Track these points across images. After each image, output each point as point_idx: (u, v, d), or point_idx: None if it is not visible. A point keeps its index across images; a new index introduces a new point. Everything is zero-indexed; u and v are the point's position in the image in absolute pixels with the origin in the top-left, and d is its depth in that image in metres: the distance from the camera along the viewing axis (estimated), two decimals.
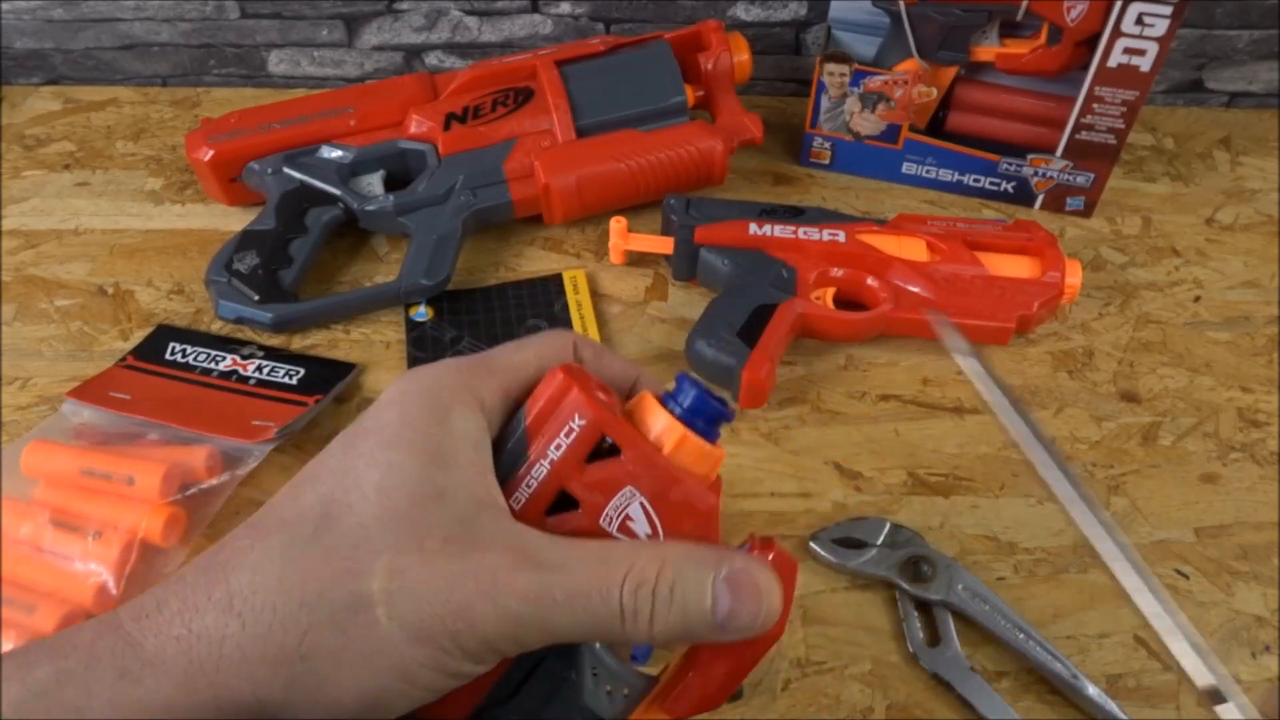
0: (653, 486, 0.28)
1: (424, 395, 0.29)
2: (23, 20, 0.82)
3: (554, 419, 0.28)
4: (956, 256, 0.62)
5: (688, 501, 0.28)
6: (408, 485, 0.27)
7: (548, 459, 0.28)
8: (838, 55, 0.70)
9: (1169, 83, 0.83)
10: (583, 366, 0.31)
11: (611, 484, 0.28)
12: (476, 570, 0.26)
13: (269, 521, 0.28)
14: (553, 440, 0.28)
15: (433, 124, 0.68)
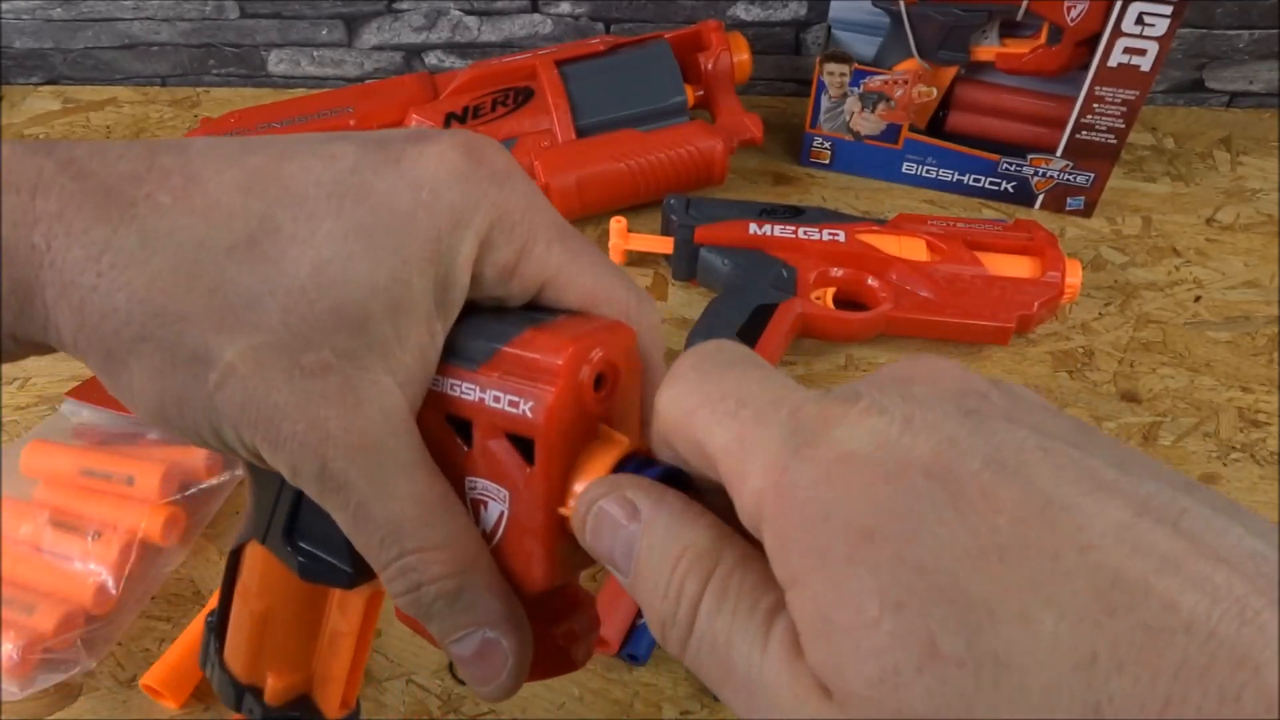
0: (520, 515, 0.24)
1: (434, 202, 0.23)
2: (22, 20, 0.82)
3: (527, 376, 0.24)
4: (956, 256, 0.62)
5: (528, 556, 0.24)
6: (349, 282, 0.22)
7: (482, 395, 0.24)
8: (838, 55, 0.70)
9: (1169, 82, 0.83)
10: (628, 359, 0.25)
11: (499, 473, 0.24)
12: (313, 416, 0.22)
13: (194, 200, 0.22)
14: (499, 389, 0.24)
15: (433, 124, 0.68)
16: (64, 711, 0.44)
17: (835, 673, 0.17)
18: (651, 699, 0.45)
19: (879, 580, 0.16)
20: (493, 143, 0.25)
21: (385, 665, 0.46)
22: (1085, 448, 0.17)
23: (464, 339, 0.25)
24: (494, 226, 0.24)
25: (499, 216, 0.24)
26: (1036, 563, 0.15)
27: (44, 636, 0.44)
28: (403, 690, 0.45)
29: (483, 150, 0.25)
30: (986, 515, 0.16)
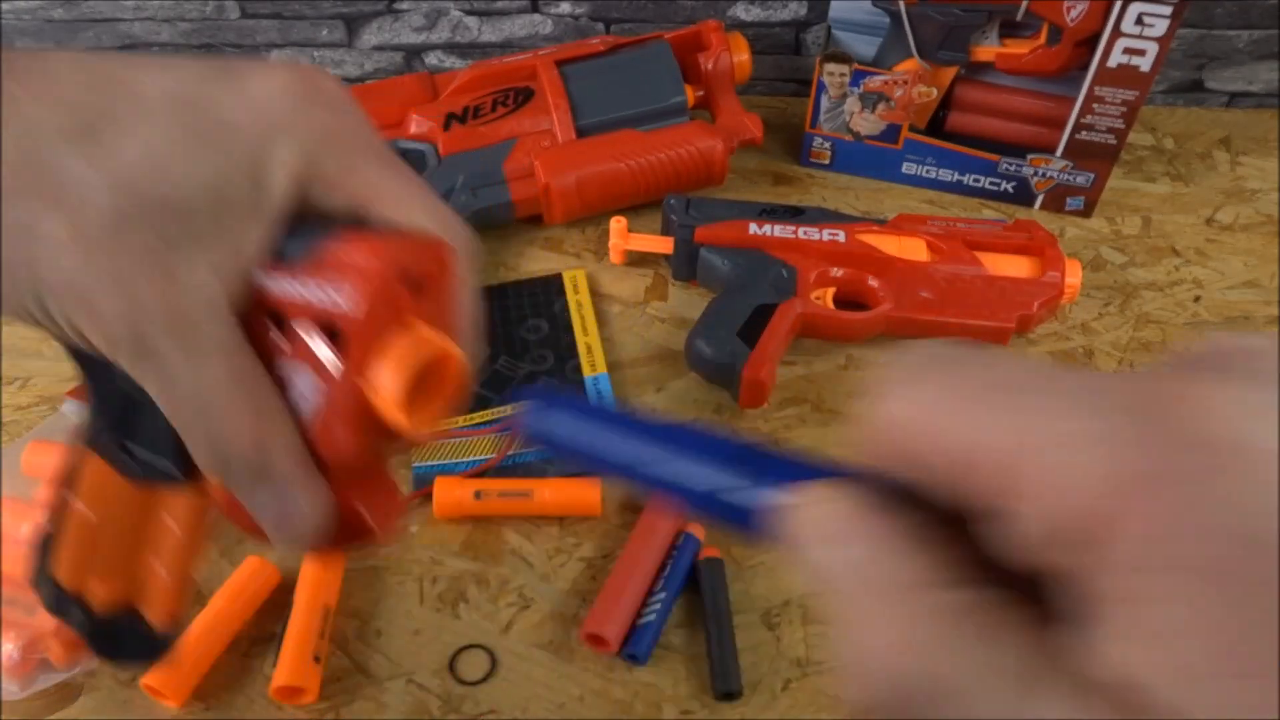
0: (327, 395, 0.26)
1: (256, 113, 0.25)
2: (23, 20, 0.82)
3: (336, 275, 0.26)
4: (956, 256, 0.62)
5: (332, 429, 0.26)
6: (176, 175, 0.24)
7: (300, 288, 0.26)
8: (838, 55, 0.70)
9: (1169, 83, 0.83)
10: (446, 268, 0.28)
11: (309, 358, 0.26)
12: (131, 294, 0.24)
13: (43, 93, 0.24)
14: (314, 283, 0.26)
15: (433, 124, 0.68)
16: (64, 711, 0.44)
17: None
18: (651, 699, 0.45)
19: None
20: (328, 73, 0.28)
21: (385, 665, 0.46)
22: None
23: (288, 242, 0.27)
24: (318, 141, 0.26)
25: (324, 134, 0.26)
26: None
27: (44, 636, 0.44)
28: (403, 690, 0.45)
29: (316, 77, 0.27)
30: None
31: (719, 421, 0.58)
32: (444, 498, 0.51)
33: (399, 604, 0.49)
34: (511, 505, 0.52)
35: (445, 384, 0.28)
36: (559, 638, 0.47)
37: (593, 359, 0.60)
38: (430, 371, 0.27)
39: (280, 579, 0.49)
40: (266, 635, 0.47)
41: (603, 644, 0.46)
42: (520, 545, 0.51)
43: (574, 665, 0.46)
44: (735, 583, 0.50)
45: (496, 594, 0.49)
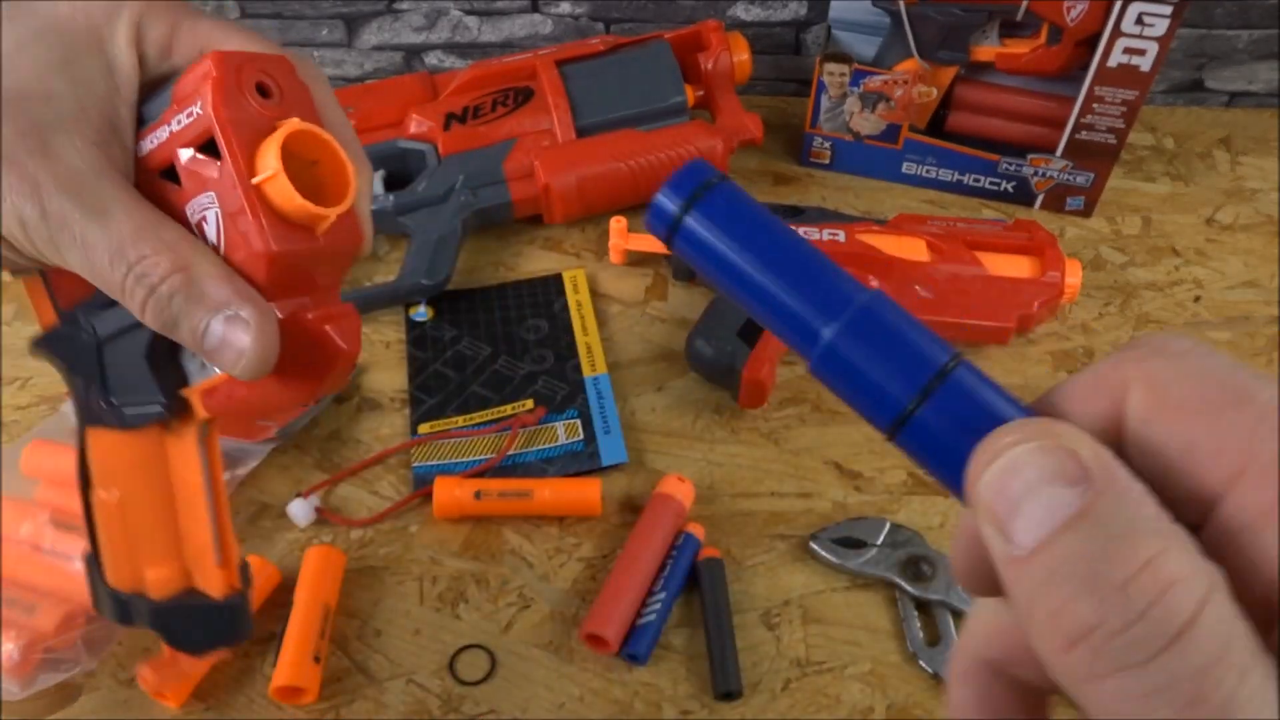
0: (226, 205, 0.28)
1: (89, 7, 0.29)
2: None
3: (190, 94, 0.28)
4: (956, 256, 0.62)
5: (245, 234, 0.28)
6: (30, 70, 0.27)
7: (169, 127, 0.28)
8: (838, 55, 0.70)
9: (1169, 82, 0.83)
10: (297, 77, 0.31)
11: (202, 182, 0.28)
12: (23, 171, 0.26)
13: None
14: (178, 114, 0.28)
15: (433, 124, 0.68)
16: (64, 711, 0.44)
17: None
18: (651, 699, 0.45)
19: None
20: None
21: (385, 665, 0.46)
22: None
23: (148, 105, 0.30)
24: (143, 13, 0.29)
25: (145, 6, 0.29)
26: None
27: (44, 636, 0.44)
28: (403, 690, 0.45)
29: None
30: None
31: (720, 422, 0.58)
32: (444, 498, 0.51)
33: (399, 604, 0.49)
34: (511, 505, 0.52)
35: (338, 176, 0.29)
36: (559, 638, 0.47)
37: (593, 359, 0.60)
38: (316, 160, 0.28)
39: (280, 579, 0.49)
40: (266, 635, 0.47)
41: (603, 644, 0.46)
42: (520, 545, 0.51)
43: (574, 665, 0.46)
44: (735, 583, 0.50)
45: (496, 594, 0.49)
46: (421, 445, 0.56)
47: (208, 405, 0.31)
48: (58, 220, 0.27)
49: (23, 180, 0.26)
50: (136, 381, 0.31)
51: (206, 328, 0.28)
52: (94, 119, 0.28)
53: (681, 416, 0.58)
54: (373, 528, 0.52)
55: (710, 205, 0.22)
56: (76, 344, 0.31)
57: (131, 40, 0.29)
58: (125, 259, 0.27)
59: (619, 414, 0.57)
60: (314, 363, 0.30)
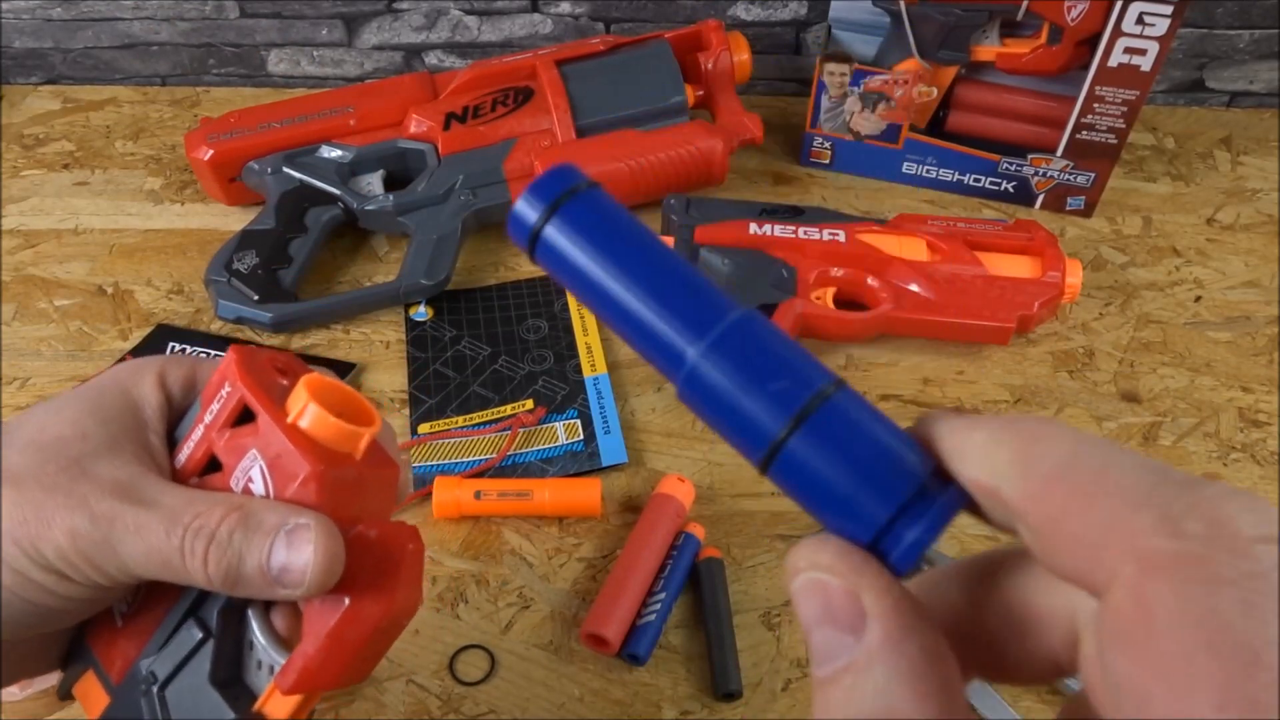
0: (269, 451, 0.29)
1: (118, 370, 0.33)
2: (22, 20, 0.82)
3: (217, 384, 0.31)
4: (956, 256, 0.62)
5: (290, 468, 0.29)
6: (63, 427, 0.30)
7: (203, 423, 0.31)
8: (838, 55, 0.70)
9: (1169, 82, 0.83)
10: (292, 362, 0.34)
11: (242, 448, 0.30)
12: (69, 492, 0.28)
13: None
14: (209, 406, 0.31)
15: (433, 124, 0.68)
16: (64, 711, 0.44)
17: None
18: (651, 699, 0.45)
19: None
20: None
21: (385, 665, 0.46)
22: None
23: (180, 427, 0.32)
24: (164, 364, 0.33)
25: (167, 359, 0.33)
26: None
27: None
28: (403, 690, 0.45)
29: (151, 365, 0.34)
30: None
31: None
32: (443, 498, 0.51)
33: None
34: (511, 505, 0.52)
35: (363, 416, 0.31)
36: (559, 638, 0.47)
37: (593, 359, 0.60)
38: (339, 412, 0.30)
39: None
40: None
41: (603, 644, 0.46)
42: (520, 545, 0.51)
43: (574, 665, 0.46)
44: (735, 583, 0.49)
45: (496, 594, 0.49)
46: (421, 445, 0.56)
47: (293, 686, 0.30)
48: (106, 519, 0.28)
49: (69, 498, 0.28)
50: (208, 710, 0.31)
51: (270, 553, 0.28)
52: (127, 447, 0.30)
53: (681, 416, 0.58)
54: None
55: (573, 213, 0.21)
56: (136, 710, 0.32)
57: (156, 384, 0.32)
58: (180, 523, 0.28)
59: (619, 414, 0.57)
60: (382, 573, 0.30)
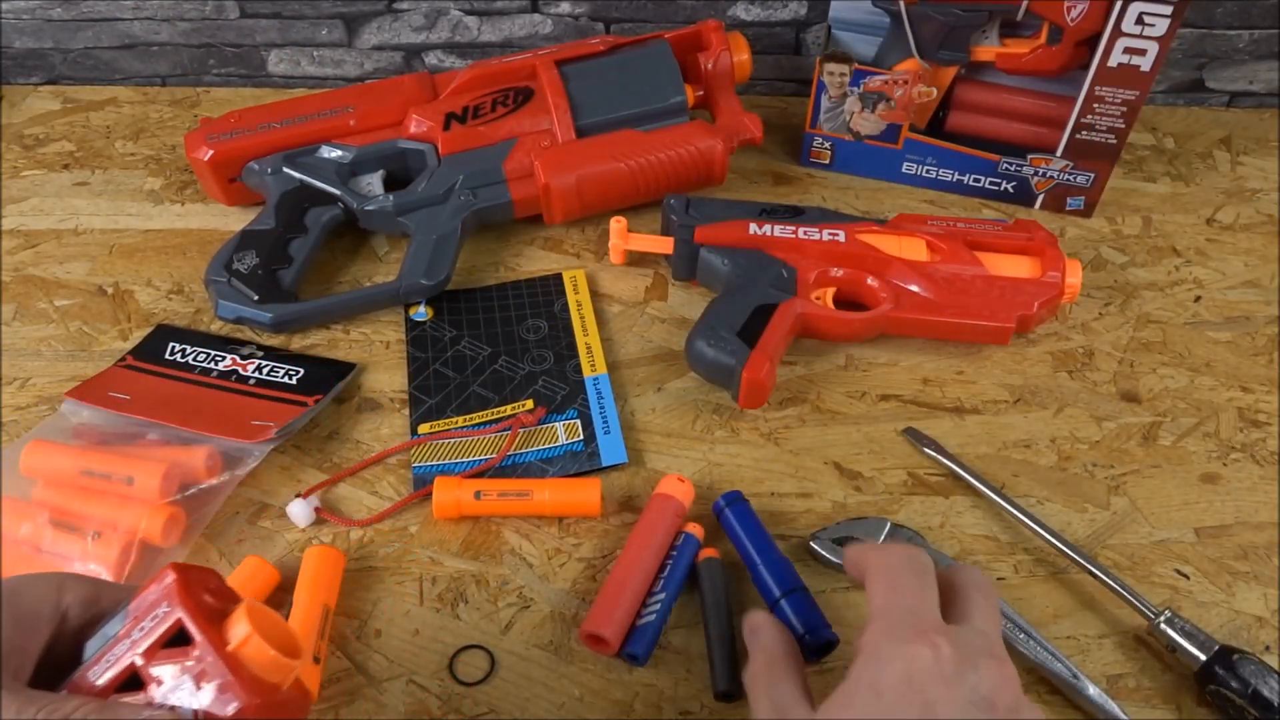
0: (204, 677, 0.31)
1: (16, 580, 0.34)
2: (22, 20, 0.82)
3: (154, 602, 0.33)
4: (956, 256, 0.62)
5: (226, 697, 0.31)
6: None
7: (129, 639, 0.32)
8: (838, 55, 0.70)
9: (1169, 82, 0.83)
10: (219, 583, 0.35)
11: (173, 670, 0.32)
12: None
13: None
14: (139, 624, 0.32)
15: (432, 124, 0.68)
16: None
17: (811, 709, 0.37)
18: (651, 699, 0.45)
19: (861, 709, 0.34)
20: None
21: (385, 665, 0.46)
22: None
23: (92, 641, 0.33)
24: (63, 582, 0.34)
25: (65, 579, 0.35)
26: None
27: None
28: (403, 690, 0.45)
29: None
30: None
31: (719, 422, 0.58)
32: (443, 498, 0.51)
33: (399, 604, 0.49)
34: (511, 505, 0.52)
35: (289, 644, 0.33)
36: (559, 638, 0.47)
37: (593, 359, 0.60)
38: (274, 634, 0.32)
39: (280, 579, 0.49)
40: None
41: (602, 644, 0.46)
42: (520, 545, 0.51)
43: (574, 665, 0.46)
44: (735, 583, 0.50)
45: (496, 594, 0.49)
46: (421, 445, 0.56)
47: None
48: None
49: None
50: None
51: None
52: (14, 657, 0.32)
53: (681, 416, 0.58)
54: (372, 528, 0.52)
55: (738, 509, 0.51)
56: None
57: (53, 599, 0.34)
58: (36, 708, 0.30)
59: (619, 414, 0.57)
60: None
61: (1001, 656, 0.35)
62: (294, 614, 0.46)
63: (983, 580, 0.39)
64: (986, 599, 0.38)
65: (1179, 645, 0.45)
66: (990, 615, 0.37)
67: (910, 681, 0.34)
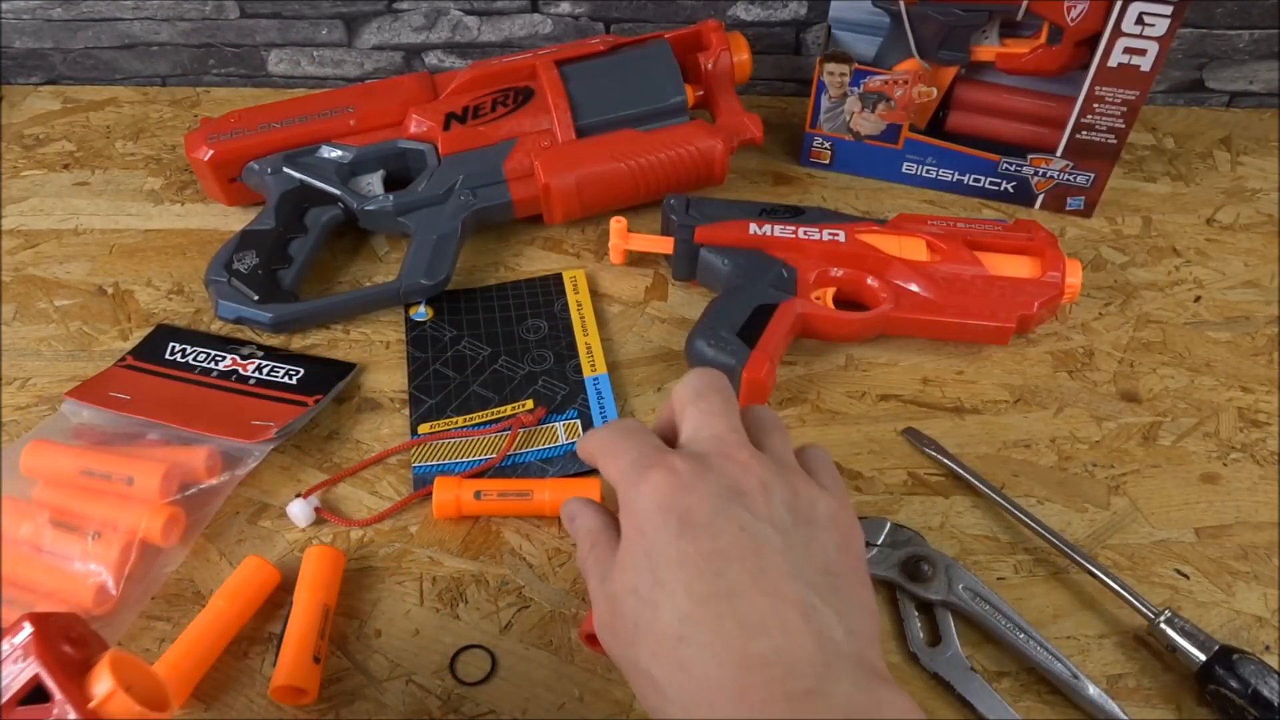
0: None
1: None
2: (22, 20, 0.82)
3: (7, 658, 0.32)
4: (956, 256, 0.62)
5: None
6: None
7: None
8: (838, 55, 0.70)
9: (1169, 82, 0.83)
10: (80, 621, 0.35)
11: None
12: None
13: None
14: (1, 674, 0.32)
15: (433, 124, 0.68)
16: None
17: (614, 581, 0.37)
18: None
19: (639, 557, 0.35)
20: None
21: (385, 665, 0.46)
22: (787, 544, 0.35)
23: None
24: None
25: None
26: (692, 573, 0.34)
27: None
28: (403, 690, 0.45)
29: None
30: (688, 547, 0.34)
31: None
32: (443, 497, 0.51)
33: (399, 604, 0.49)
34: (511, 505, 0.52)
35: (157, 693, 0.33)
36: (559, 638, 0.47)
37: (593, 359, 0.60)
38: (139, 683, 0.32)
39: (280, 579, 0.49)
40: (266, 635, 0.47)
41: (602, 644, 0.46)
42: (520, 545, 0.51)
43: (574, 665, 0.46)
44: None
45: (496, 594, 0.49)
46: (421, 445, 0.56)
47: None
48: None
49: None
50: None
51: None
52: None
53: None
54: (372, 528, 0.52)
55: None
56: None
57: None
58: None
59: (619, 414, 0.57)
60: None
61: (789, 465, 0.38)
62: (294, 614, 0.46)
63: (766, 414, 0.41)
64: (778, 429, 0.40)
65: (1179, 645, 0.45)
66: (779, 439, 0.40)
67: (661, 506, 0.35)
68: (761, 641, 0.32)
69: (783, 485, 0.36)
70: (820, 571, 0.35)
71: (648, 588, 0.34)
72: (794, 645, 0.32)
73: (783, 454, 0.39)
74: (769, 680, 0.31)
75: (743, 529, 0.34)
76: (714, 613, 0.33)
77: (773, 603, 0.33)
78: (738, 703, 0.31)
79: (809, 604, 0.33)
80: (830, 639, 0.32)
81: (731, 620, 0.32)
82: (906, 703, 0.32)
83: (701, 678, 0.32)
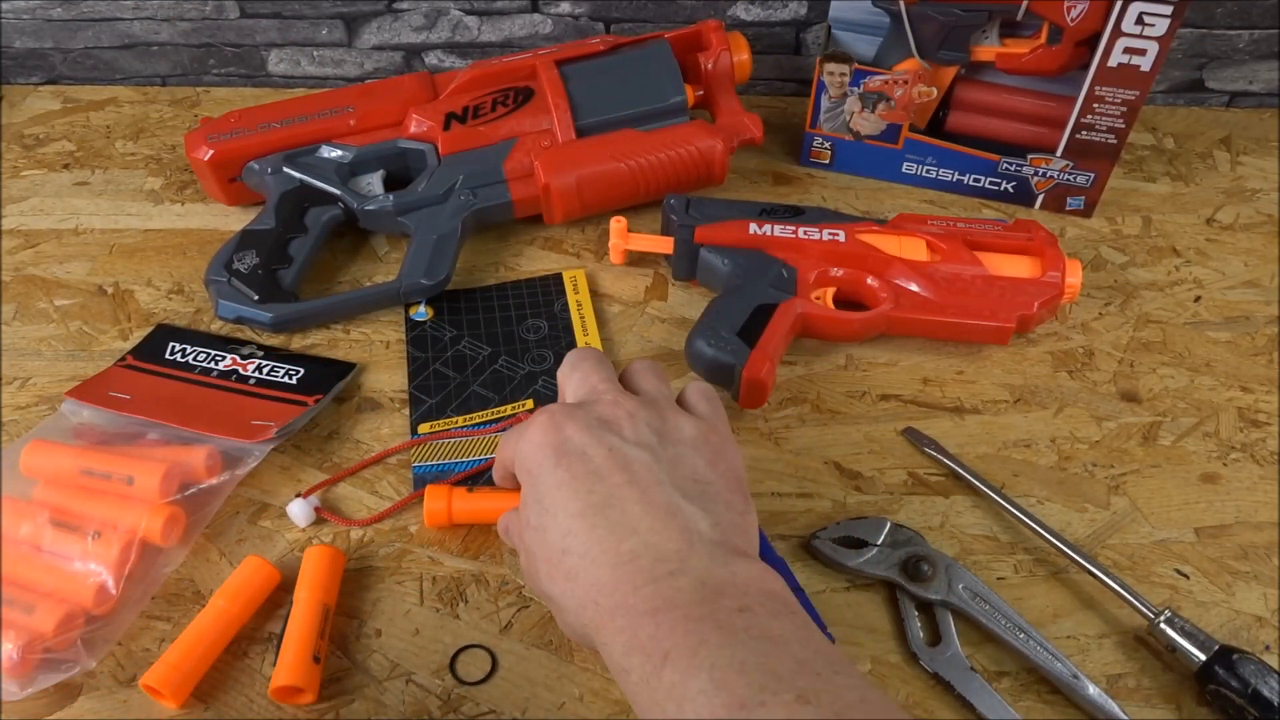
0: None
1: None
2: (22, 20, 0.82)
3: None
4: (956, 256, 0.62)
5: None
6: None
7: None
8: (838, 55, 0.70)
9: (1169, 82, 0.83)
10: None
11: None
12: None
13: None
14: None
15: (433, 123, 0.68)
16: (64, 711, 0.44)
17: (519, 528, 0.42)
18: None
19: (528, 496, 0.41)
20: None
21: (385, 665, 0.46)
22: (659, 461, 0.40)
23: None
24: None
25: None
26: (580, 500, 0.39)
27: (44, 636, 0.44)
28: (403, 690, 0.45)
29: None
30: (564, 473, 0.39)
31: None
32: (435, 507, 0.50)
33: (399, 604, 0.49)
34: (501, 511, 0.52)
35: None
36: (559, 638, 0.47)
37: None
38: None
39: (280, 579, 0.49)
40: (266, 635, 0.47)
41: None
42: None
43: (574, 665, 0.46)
44: None
45: (496, 594, 0.49)
46: (421, 445, 0.56)
47: None
48: None
49: None
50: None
51: None
52: None
53: None
54: (372, 528, 0.52)
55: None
56: None
57: None
58: None
59: None
60: None
61: (661, 400, 0.43)
62: (294, 614, 0.46)
63: (641, 365, 0.46)
64: (652, 374, 0.45)
65: (1179, 645, 0.45)
66: (652, 383, 0.45)
67: (540, 444, 0.40)
68: (632, 540, 0.37)
69: (650, 413, 0.41)
70: (688, 480, 0.39)
71: (537, 516, 0.39)
72: (660, 539, 0.37)
73: (655, 393, 0.44)
74: (638, 570, 0.36)
75: (611, 450, 0.39)
76: (590, 523, 0.37)
77: (642, 508, 0.37)
78: (612, 593, 0.36)
79: (674, 504, 0.38)
80: (695, 530, 0.37)
81: (605, 527, 0.37)
82: (761, 569, 0.36)
83: (587, 582, 0.37)
